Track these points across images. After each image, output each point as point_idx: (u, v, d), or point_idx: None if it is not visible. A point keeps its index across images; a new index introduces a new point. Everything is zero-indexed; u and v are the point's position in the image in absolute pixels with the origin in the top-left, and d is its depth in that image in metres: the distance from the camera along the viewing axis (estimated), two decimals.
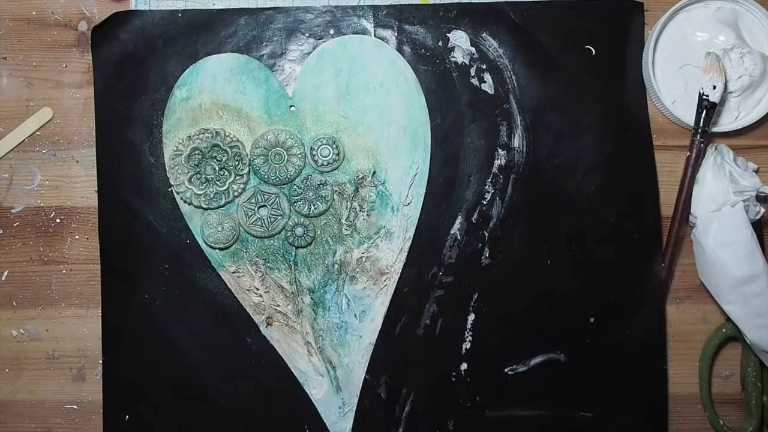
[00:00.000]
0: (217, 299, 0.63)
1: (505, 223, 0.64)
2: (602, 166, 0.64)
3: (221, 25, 0.65)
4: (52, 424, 0.63)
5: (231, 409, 0.63)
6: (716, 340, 0.64)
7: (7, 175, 0.65)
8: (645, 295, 0.64)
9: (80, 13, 0.65)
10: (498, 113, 0.65)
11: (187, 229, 0.63)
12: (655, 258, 0.64)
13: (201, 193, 0.62)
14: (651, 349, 0.64)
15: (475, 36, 0.65)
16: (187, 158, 0.63)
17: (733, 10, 0.65)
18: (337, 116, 0.64)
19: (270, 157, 0.63)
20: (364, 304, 0.63)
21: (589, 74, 0.65)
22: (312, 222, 0.63)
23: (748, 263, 0.60)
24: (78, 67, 0.65)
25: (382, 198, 0.63)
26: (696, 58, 0.64)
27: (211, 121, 0.63)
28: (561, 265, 0.63)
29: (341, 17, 0.65)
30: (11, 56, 0.65)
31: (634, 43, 0.65)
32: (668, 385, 0.64)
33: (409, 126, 0.64)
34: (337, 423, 0.63)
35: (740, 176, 0.62)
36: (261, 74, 0.64)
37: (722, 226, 0.61)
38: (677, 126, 0.66)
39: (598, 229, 0.64)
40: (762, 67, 0.63)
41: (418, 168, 0.64)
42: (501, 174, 0.65)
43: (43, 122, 0.65)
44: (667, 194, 0.65)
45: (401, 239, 0.63)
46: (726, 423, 0.64)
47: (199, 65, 0.64)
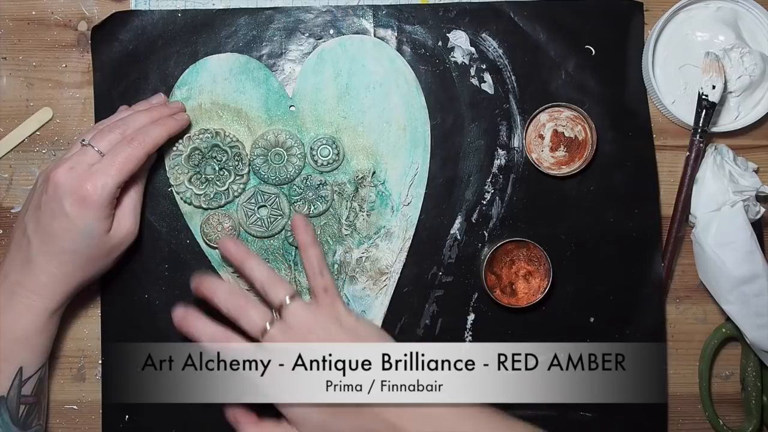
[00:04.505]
0: None
1: (505, 223, 0.64)
2: (602, 166, 0.64)
3: (221, 25, 0.65)
4: (51, 424, 0.63)
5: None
6: (716, 340, 0.64)
7: (7, 175, 0.65)
8: (645, 295, 0.64)
9: (80, 13, 0.65)
10: (498, 113, 0.65)
11: (187, 229, 0.63)
12: (655, 258, 0.64)
13: (201, 193, 0.62)
14: (651, 349, 0.64)
15: (474, 36, 0.65)
16: (187, 158, 0.63)
17: (733, 10, 0.65)
18: (337, 116, 0.64)
19: (270, 157, 0.63)
20: (364, 304, 0.63)
21: (589, 74, 0.65)
22: (312, 222, 0.63)
23: (748, 263, 0.60)
24: (78, 67, 0.65)
25: (382, 198, 0.63)
26: (696, 58, 0.64)
27: (211, 121, 0.63)
28: (561, 265, 0.63)
29: (341, 17, 0.65)
30: (11, 56, 0.65)
31: (634, 43, 0.65)
32: (668, 385, 0.64)
33: (408, 126, 0.64)
34: None
35: (740, 176, 0.62)
36: (261, 74, 0.64)
37: (722, 226, 0.61)
38: (677, 126, 0.66)
39: (598, 229, 0.64)
40: (762, 67, 0.63)
41: (418, 168, 0.64)
42: (501, 174, 0.65)
43: (43, 122, 0.65)
44: (667, 194, 0.65)
45: (401, 239, 0.63)
46: (726, 423, 0.64)
47: (199, 65, 0.64)
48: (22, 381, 0.56)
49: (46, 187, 0.55)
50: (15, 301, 0.56)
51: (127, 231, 0.58)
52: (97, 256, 0.57)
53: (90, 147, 0.56)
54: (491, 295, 0.61)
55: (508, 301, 0.62)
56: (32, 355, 0.57)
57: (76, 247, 0.55)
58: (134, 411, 0.63)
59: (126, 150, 0.56)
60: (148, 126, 0.58)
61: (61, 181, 0.54)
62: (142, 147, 0.56)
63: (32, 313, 0.56)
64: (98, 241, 0.56)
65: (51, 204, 0.55)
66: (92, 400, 0.64)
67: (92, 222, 0.55)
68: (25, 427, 0.57)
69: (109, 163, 0.55)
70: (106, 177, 0.55)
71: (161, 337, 0.63)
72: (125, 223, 0.58)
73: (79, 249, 0.55)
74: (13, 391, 0.55)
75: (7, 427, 0.55)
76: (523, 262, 0.62)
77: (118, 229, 0.57)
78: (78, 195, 0.54)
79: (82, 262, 0.56)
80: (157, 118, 0.59)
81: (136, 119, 0.58)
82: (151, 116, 0.59)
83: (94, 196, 0.54)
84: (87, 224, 0.55)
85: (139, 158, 0.56)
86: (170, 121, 0.59)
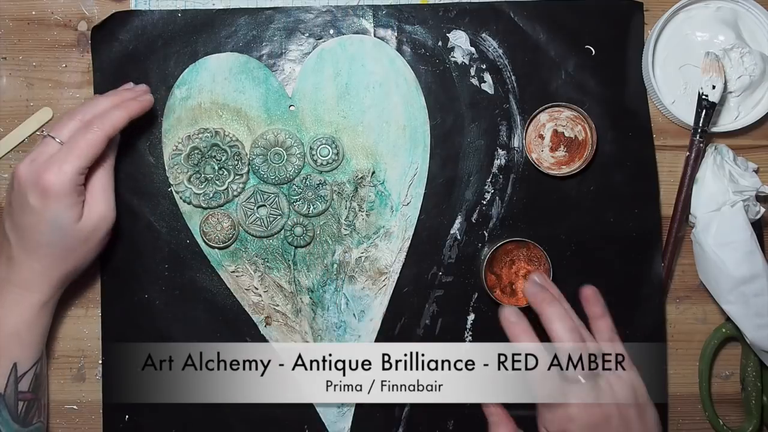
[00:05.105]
0: (217, 299, 0.63)
1: (505, 223, 0.64)
2: (602, 166, 0.64)
3: (221, 25, 0.65)
4: (52, 424, 0.63)
5: (231, 409, 0.63)
6: (716, 340, 0.64)
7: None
8: (645, 295, 0.64)
9: (80, 13, 0.65)
10: (498, 113, 0.65)
11: (187, 228, 0.63)
12: (655, 258, 0.64)
13: (200, 192, 0.62)
14: (651, 349, 0.64)
15: (474, 36, 0.65)
16: (187, 158, 0.63)
17: (733, 10, 0.65)
18: (337, 116, 0.64)
19: (269, 156, 0.63)
20: (363, 304, 0.63)
21: (589, 74, 0.65)
22: (311, 222, 0.63)
23: (748, 263, 0.60)
24: (78, 67, 0.65)
25: (382, 198, 0.63)
26: (696, 58, 0.64)
27: (211, 121, 0.63)
28: (561, 265, 0.63)
29: (341, 17, 0.65)
30: (11, 56, 0.65)
31: (634, 43, 0.65)
32: (668, 385, 0.64)
33: (408, 126, 0.64)
34: (336, 423, 0.63)
35: (740, 176, 0.62)
36: (260, 74, 0.64)
37: (722, 226, 0.61)
38: (677, 126, 0.66)
39: (598, 229, 0.64)
40: (762, 67, 0.63)
41: (418, 168, 0.64)
42: (501, 174, 0.64)
43: (43, 122, 0.65)
44: (667, 194, 0.65)
45: (400, 239, 0.63)
46: (726, 423, 0.64)
47: (199, 65, 0.64)
48: (18, 377, 0.56)
49: (12, 182, 0.55)
50: (2, 298, 0.56)
51: (99, 215, 0.57)
52: (74, 246, 0.56)
53: (50, 138, 0.56)
54: (491, 295, 0.61)
55: (508, 301, 0.62)
56: (25, 350, 0.57)
57: (48, 239, 0.55)
58: (134, 411, 0.63)
59: (85, 136, 0.55)
60: (108, 110, 0.57)
61: (23, 175, 0.54)
62: (101, 131, 0.55)
63: (20, 307, 0.56)
64: (71, 230, 0.55)
65: (18, 199, 0.55)
66: (92, 400, 0.64)
67: (59, 212, 0.54)
68: (25, 423, 0.57)
69: (67, 151, 0.54)
70: (64, 164, 0.54)
71: (161, 337, 0.63)
72: (97, 207, 0.57)
73: (53, 241, 0.55)
74: (10, 388, 0.55)
75: (7, 423, 0.55)
76: (523, 262, 0.62)
77: (90, 214, 0.56)
78: (39, 187, 0.54)
79: (60, 252, 0.56)
80: (119, 102, 0.58)
81: (96, 104, 0.57)
82: (112, 101, 0.58)
83: (55, 185, 0.53)
84: (54, 215, 0.54)
85: (99, 142, 0.55)
86: (132, 104, 0.58)
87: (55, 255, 0.56)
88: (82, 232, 0.56)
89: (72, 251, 0.56)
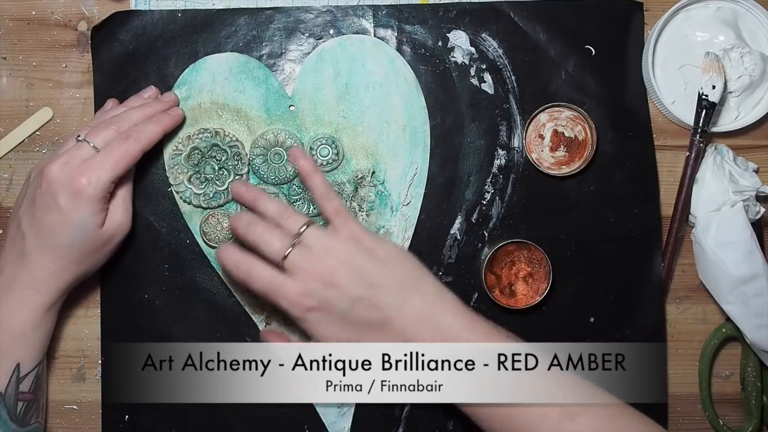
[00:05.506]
0: (217, 299, 0.63)
1: (505, 223, 0.64)
2: (602, 166, 0.64)
3: (221, 25, 0.65)
4: (51, 424, 0.63)
5: (231, 409, 0.63)
6: (716, 340, 0.64)
7: (7, 175, 0.65)
8: (645, 295, 0.64)
9: (80, 13, 0.65)
10: (498, 113, 0.65)
11: (187, 228, 0.63)
12: (655, 258, 0.64)
13: (200, 192, 0.62)
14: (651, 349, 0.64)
15: (474, 36, 0.65)
16: (187, 158, 0.63)
17: (733, 10, 0.65)
18: (337, 116, 0.64)
19: (269, 156, 0.63)
20: None
21: (589, 74, 0.65)
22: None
23: (748, 263, 0.60)
24: (78, 67, 0.65)
25: (382, 198, 0.63)
26: (696, 58, 0.64)
27: (211, 121, 0.63)
28: (561, 265, 0.63)
29: (341, 17, 0.65)
30: (11, 56, 0.65)
31: (634, 43, 0.65)
32: (668, 385, 0.64)
33: (408, 126, 0.64)
34: (336, 423, 0.63)
35: (740, 176, 0.62)
36: (260, 74, 0.64)
37: (722, 226, 0.61)
38: (677, 126, 0.66)
39: (598, 229, 0.64)
40: (762, 67, 0.63)
41: (417, 168, 0.64)
42: (501, 174, 0.64)
43: (43, 122, 0.65)
44: (667, 194, 0.65)
45: (400, 239, 0.63)
46: (726, 423, 0.64)
47: (199, 65, 0.64)
48: (20, 377, 0.56)
49: (40, 181, 0.55)
50: (11, 297, 0.56)
51: (118, 224, 0.58)
52: (91, 250, 0.57)
53: (85, 143, 0.56)
54: (490, 295, 0.61)
55: (506, 302, 0.62)
56: (29, 351, 0.57)
57: (70, 241, 0.55)
58: (134, 411, 0.63)
59: (122, 146, 0.56)
60: (143, 123, 0.58)
61: (56, 176, 0.55)
62: (138, 144, 0.57)
63: (28, 308, 0.56)
64: (92, 235, 0.56)
65: (45, 198, 0.55)
66: (92, 400, 0.64)
67: (86, 216, 0.55)
68: (23, 424, 0.57)
69: (104, 159, 0.55)
70: (100, 171, 0.55)
71: (161, 337, 0.63)
72: (116, 216, 0.58)
73: (74, 243, 0.56)
74: (11, 388, 0.55)
75: (5, 423, 0.55)
76: (523, 263, 0.62)
77: (111, 222, 0.58)
78: (72, 189, 0.54)
79: (77, 256, 0.57)
80: (152, 114, 0.60)
81: (131, 116, 0.59)
82: (145, 113, 0.59)
83: (88, 190, 0.54)
84: (81, 218, 0.55)
85: (135, 155, 0.57)
86: (165, 118, 0.60)
87: (71, 257, 0.56)
88: (101, 238, 0.57)
89: (88, 255, 0.57)
